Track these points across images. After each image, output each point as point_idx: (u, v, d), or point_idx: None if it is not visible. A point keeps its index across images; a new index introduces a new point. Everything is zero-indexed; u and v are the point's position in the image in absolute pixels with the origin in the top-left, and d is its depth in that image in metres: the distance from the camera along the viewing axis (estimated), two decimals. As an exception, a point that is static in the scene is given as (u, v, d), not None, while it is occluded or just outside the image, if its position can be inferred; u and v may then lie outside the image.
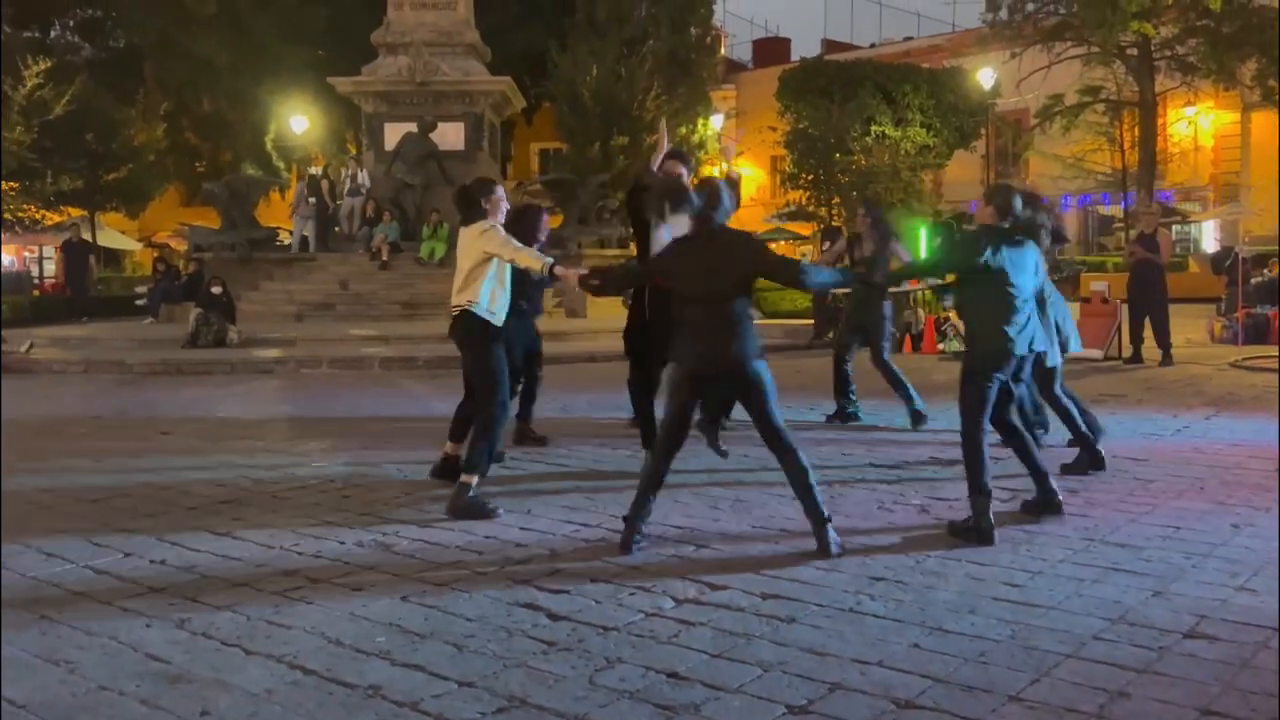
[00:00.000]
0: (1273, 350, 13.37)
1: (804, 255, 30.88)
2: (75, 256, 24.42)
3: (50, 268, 36.79)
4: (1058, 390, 6.50)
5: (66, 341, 16.04)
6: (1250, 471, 6.36)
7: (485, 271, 5.75)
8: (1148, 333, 12.50)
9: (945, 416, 7.40)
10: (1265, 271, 18.14)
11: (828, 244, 19.00)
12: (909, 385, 8.20)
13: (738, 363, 4.73)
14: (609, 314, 15.46)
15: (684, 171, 6.32)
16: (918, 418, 8.02)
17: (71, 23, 35.01)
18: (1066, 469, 6.21)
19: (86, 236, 29.02)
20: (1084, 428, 6.43)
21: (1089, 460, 6.33)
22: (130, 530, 5.37)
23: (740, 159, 37.97)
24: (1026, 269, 5.21)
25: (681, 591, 4.24)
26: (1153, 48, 29.49)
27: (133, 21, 31.56)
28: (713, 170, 35.08)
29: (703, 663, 3.53)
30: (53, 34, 34.04)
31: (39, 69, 25.29)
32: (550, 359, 12.30)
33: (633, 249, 6.91)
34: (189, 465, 7.12)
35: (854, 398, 8.50)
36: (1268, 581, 4.25)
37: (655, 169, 6.42)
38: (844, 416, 8.45)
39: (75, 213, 32.53)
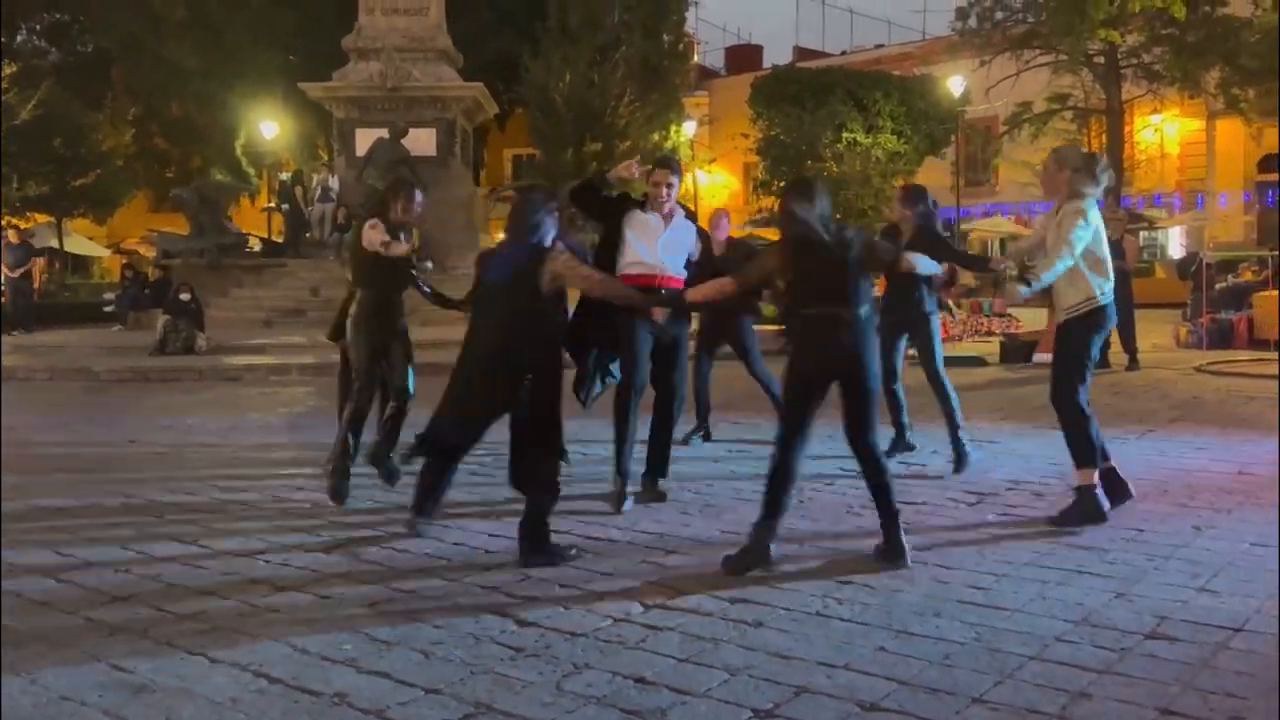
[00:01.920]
0: (1237, 355, 13.55)
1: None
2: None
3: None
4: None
5: (33, 348, 15.88)
6: (1212, 475, 6.44)
7: None
8: (1114, 337, 12.62)
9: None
10: (1230, 277, 18.39)
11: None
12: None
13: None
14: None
15: (674, 180, 6.05)
16: None
17: (38, 27, 34.72)
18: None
19: (50, 240, 28.68)
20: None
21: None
22: (94, 539, 5.32)
23: (713, 165, 38.20)
24: None
25: (649, 597, 4.25)
26: (1119, 56, 29.79)
27: (102, 25, 31.32)
28: (685, 177, 35.19)
29: (670, 668, 3.53)
30: (19, 38, 33.74)
31: (4, 74, 25.06)
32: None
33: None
34: (155, 473, 7.06)
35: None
36: (1228, 583, 4.30)
37: (637, 174, 6.24)
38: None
39: (42, 219, 32.25)
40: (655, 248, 5.93)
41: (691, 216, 6.36)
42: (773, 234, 30.80)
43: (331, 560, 4.86)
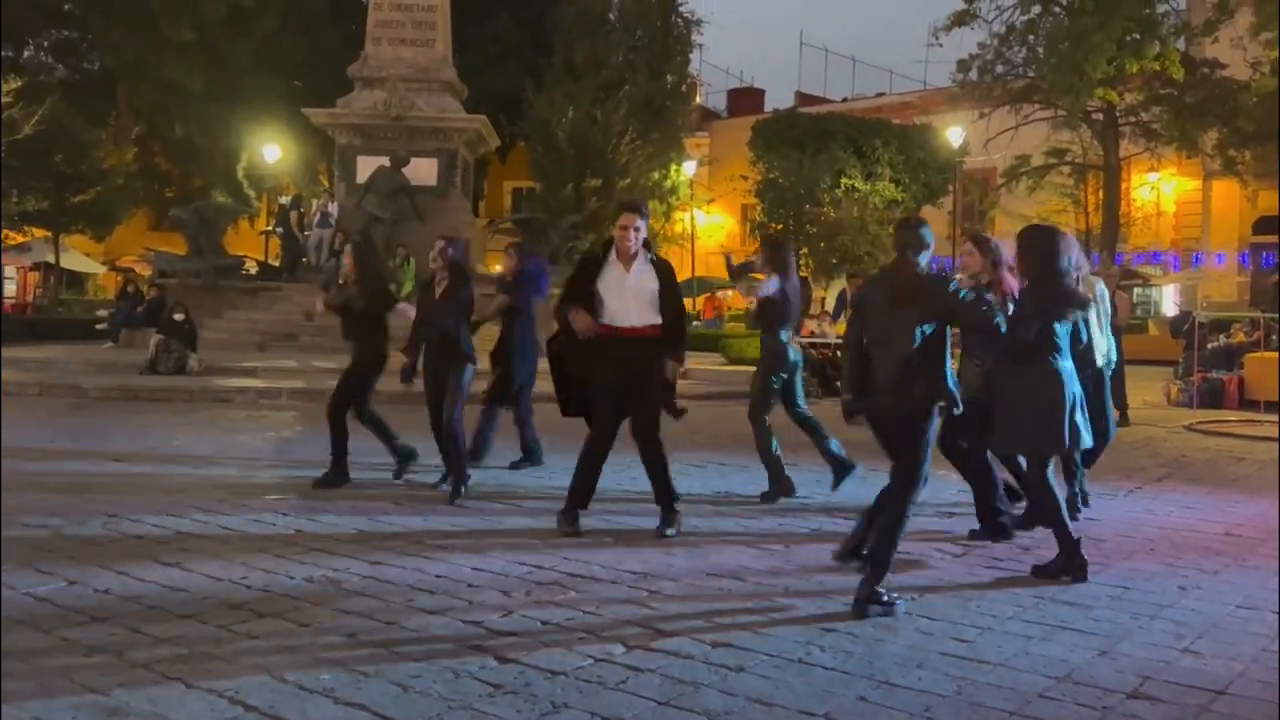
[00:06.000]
0: (1227, 415, 13.58)
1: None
2: None
3: (11, 288, 36.39)
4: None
5: (22, 363, 15.82)
6: (1200, 534, 6.43)
7: None
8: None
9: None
10: (1223, 337, 18.45)
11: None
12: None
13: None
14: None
15: (640, 223, 6.08)
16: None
17: (45, 43, 34.89)
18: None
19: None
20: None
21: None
22: (76, 558, 5.28)
23: (711, 206, 38.41)
24: None
25: (631, 637, 4.22)
26: (1118, 114, 30.07)
27: (108, 44, 31.48)
28: (683, 216, 35.37)
29: (649, 710, 3.51)
30: (26, 53, 33.89)
31: (10, 88, 25.13)
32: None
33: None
34: (139, 493, 7.02)
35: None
36: (1212, 645, 4.29)
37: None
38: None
39: (40, 233, 32.23)
40: (624, 298, 6.02)
41: (657, 260, 6.23)
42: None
43: (313, 588, 4.83)
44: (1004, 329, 5.08)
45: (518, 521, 6.38)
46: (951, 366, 5.01)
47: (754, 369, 7.69)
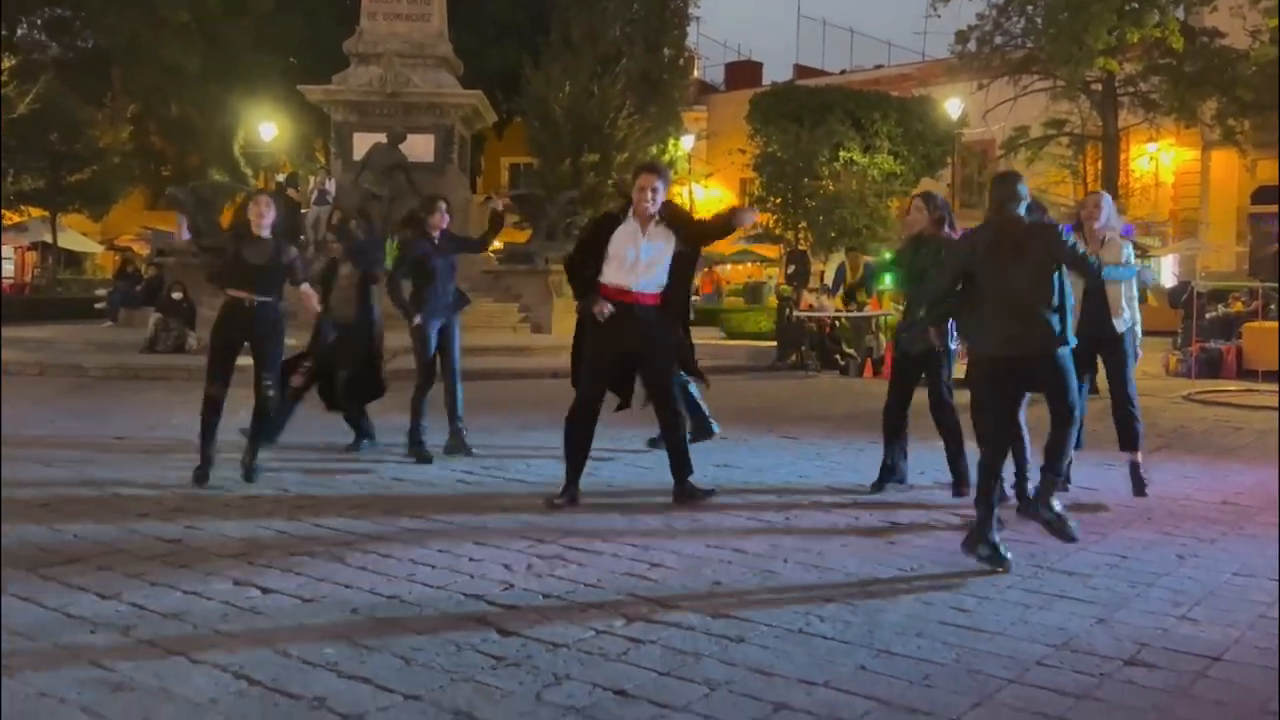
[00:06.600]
0: (1225, 385, 13.61)
1: (770, 277, 31.09)
2: None
3: (9, 268, 36.34)
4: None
5: (23, 343, 15.83)
6: (1197, 504, 6.47)
7: None
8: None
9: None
10: (1221, 307, 18.46)
11: (792, 267, 19.19)
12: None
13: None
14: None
15: (659, 185, 6.02)
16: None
17: (39, 21, 34.69)
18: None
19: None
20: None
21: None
22: (78, 535, 5.31)
23: (709, 180, 38.31)
24: None
25: (632, 609, 4.25)
26: (1117, 84, 29.93)
27: (103, 24, 31.31)
28: (681, 190, 35.26)
29: (651, 681, 3.54)
30: (19, 31, 33.69)
31: (4, 66, 25.02)
32: (514, 374, 12.30)
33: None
34: (141, 470, 7.05)
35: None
36: (1208, 612, 4.32)
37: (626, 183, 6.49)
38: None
39: (37, 213, 32.16)
40: (635, 261, 5.98)
41: (673, 216, 6.17)
42: (768, 249, 30.96)
43: (316, 563, 4.85)
44: (1098, 273, 5.32)
45: (518, 496, 6.41)
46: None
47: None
